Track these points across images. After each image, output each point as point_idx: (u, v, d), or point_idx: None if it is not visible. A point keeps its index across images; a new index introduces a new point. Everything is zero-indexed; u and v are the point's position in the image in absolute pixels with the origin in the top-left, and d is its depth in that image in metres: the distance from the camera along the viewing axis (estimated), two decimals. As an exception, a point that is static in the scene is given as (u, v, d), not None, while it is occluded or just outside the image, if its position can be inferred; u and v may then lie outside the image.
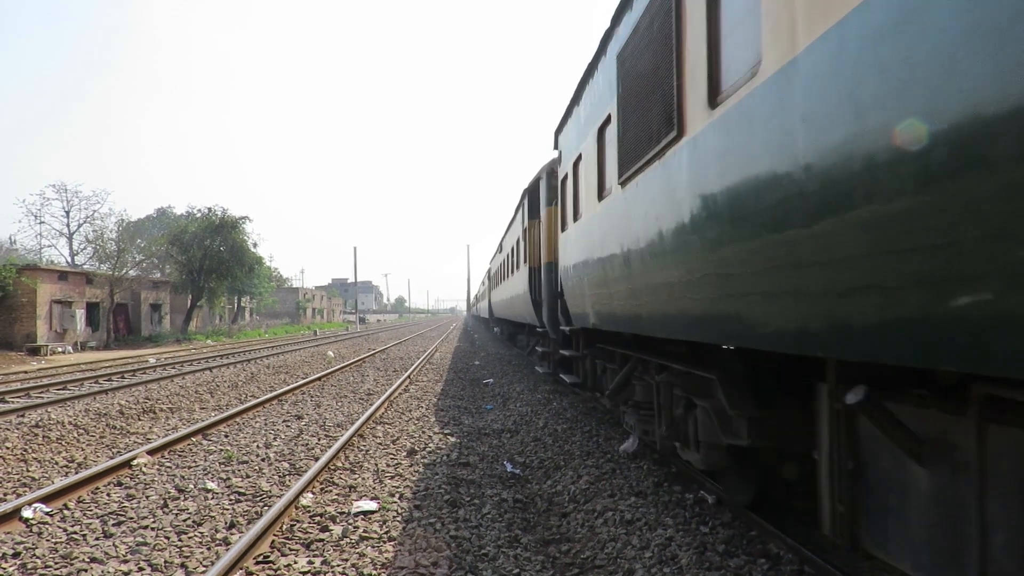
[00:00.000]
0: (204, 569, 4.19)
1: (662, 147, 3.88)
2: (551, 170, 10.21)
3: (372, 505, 5.38)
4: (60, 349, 28.30)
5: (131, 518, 5.19)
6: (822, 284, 2.28)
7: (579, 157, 6.90)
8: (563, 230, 8.40)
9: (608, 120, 5.43)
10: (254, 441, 8.18)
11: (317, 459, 7.06)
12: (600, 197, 5.84)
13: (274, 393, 12.21)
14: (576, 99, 7.11)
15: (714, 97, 3.24)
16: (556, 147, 9.14)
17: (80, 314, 31.84)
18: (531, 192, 12.64)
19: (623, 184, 4.90)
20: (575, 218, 7.29)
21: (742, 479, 4.37)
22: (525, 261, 13.10)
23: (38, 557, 4.40)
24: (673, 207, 3.74)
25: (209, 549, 4.55)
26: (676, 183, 3.71)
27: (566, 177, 8.03)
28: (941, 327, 1.79)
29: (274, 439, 8.29)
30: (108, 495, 5.86)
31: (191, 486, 6.11)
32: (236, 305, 54.33)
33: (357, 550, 4.45)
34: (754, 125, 2.78)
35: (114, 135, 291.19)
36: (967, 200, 1.64)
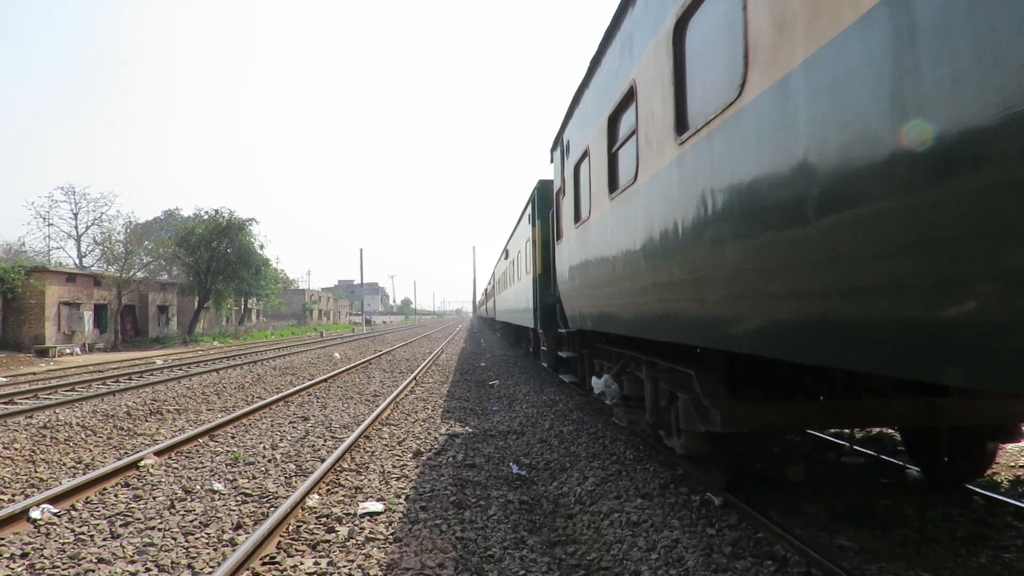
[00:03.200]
0: (211, 570, 4.20)
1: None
2: None
3: (378, 506, 5.38)
4: (68, 351, 28.47)
5: (138, 519, 5.21)
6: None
7: None
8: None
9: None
10: (260, 442, 8.19)
11: (323, 460, 7.07)
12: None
13: (281, 394, 12.24)
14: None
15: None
16: None
17: (88, 316, 32.04)
18: None
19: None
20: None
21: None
22: None
23: (46, 558, 4.42)
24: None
25: (216, 550, 4.56)
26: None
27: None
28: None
29: (280, 440, 8.30)
30: (115, 496, 5.89)
31: (198, 487, 6.13)
32: (243, 307, 54.53)
33: (363, 551, 4.45)
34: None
35: (122, 137, 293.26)
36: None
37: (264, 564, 4.27)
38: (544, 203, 11.96)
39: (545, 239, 11.84)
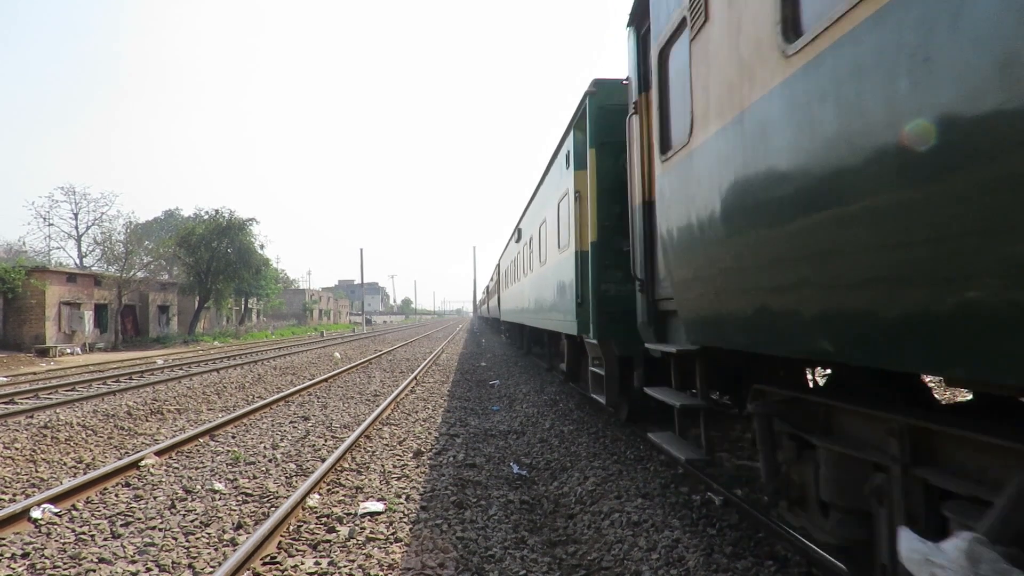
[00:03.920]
0: (212, 570, 4.20)
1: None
2: None
3: (379, 506, 5.38)
4: (68, 350, 28.47)
5: (139, 519, 5.21)
6: None
7: None
8: None
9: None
10: (261, 442, 8.19)
11: (324, 460, 7.07)
12: None
13: (281, 394, 12.24)
14: None
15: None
16: None
17: (88, 316, 32.04)
18: None
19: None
20: None
21: None
22: None
23: (47, 557, 4.42)
24: None
25: (216, 550, 4.56)
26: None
27: None
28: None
29: (281, 440, 8.30)
30: (116, 496, 5.89)
31: (198, 487, 6.13)
32: (243, 306, 54.52)
33: (364, 551, 4.45)
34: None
35: (123, 136, 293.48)
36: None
37: (265, 564, 4.27)
38: (607, 118, 6.74)
39: (610, 182, 6.70)
